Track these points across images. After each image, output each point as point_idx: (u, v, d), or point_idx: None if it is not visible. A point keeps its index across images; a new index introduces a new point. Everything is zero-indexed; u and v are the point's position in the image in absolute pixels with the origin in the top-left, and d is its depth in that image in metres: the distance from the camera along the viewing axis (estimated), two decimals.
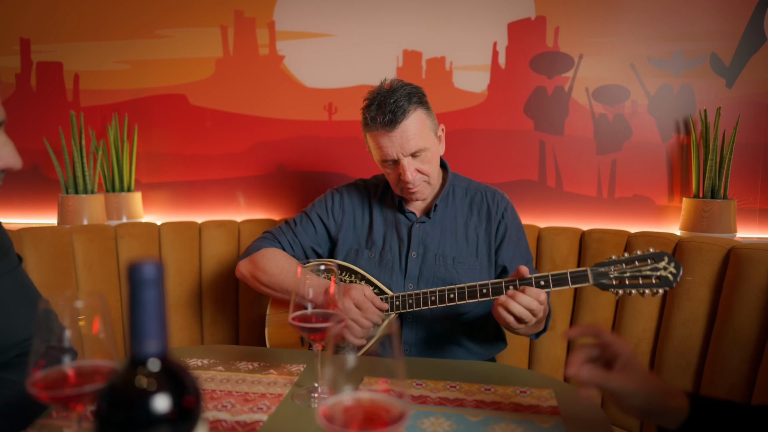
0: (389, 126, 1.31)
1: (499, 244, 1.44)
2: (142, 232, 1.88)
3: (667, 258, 1.13)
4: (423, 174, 1.37)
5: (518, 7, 1.92)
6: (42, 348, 0.67)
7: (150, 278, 0.44)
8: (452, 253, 1.42)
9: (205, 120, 2.13)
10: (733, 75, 1.84)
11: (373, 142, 1.38)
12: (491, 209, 1.46)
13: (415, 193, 1.40)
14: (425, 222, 1.46)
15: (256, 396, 0.97)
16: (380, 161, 1.39)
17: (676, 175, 1.89)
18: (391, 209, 1.50)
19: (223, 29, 2.09)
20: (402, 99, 1.32)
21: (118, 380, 0.45)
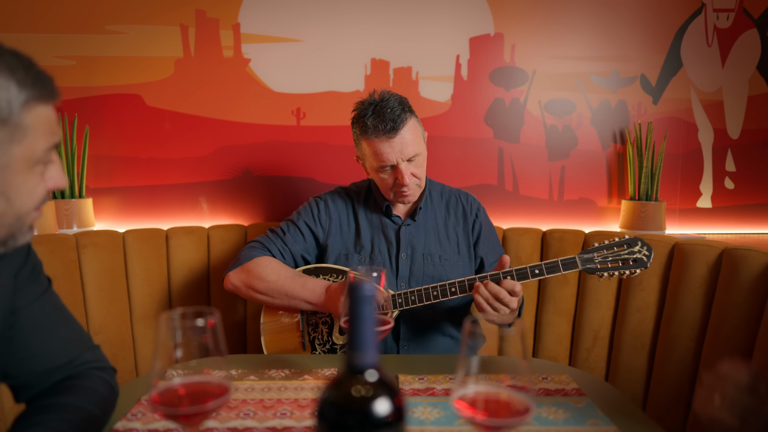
0: (391, 133, 1.38)
1: (476, 240, 1.58)
2: (106, 241, 1.77)
3: (640, 243, 1.34)
4: (416, 177, 1.46)
5: (479, 23, 2.07)
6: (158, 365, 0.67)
7: (369, 295, 0.48)
8: (438, 252, 1.54)
9: (164, 122, 2.04)
10: (658, 93, 2.13)
11: (371, 149, 1.42)
12: (466, 210, 1.60)
13: (408, 196, 1.48)
14: (410, 225, 1.55)
15: (310, 401, 1.00)
16: (377, 167, 1.45)
17: (614, 180, 2.15)
18: (376, 214, 1.57)
19: (183, 28, 2.01)
20: (397, 107, 1.40)
21: (342, 390, 0.49)
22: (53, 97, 0.74)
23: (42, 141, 0.72)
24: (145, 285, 1.81)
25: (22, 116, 0.69)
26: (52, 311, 0.88)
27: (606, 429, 0.90)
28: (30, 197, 0.73)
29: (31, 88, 0.69)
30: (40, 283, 0.88)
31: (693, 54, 2.12)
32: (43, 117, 0.72)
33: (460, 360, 0.67)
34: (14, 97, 0.68)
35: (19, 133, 0.69)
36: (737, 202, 2.19)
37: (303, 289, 1.41)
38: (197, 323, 0.68)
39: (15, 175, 0.70)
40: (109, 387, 0.89)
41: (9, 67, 0.68)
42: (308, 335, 1.47)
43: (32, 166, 0.72)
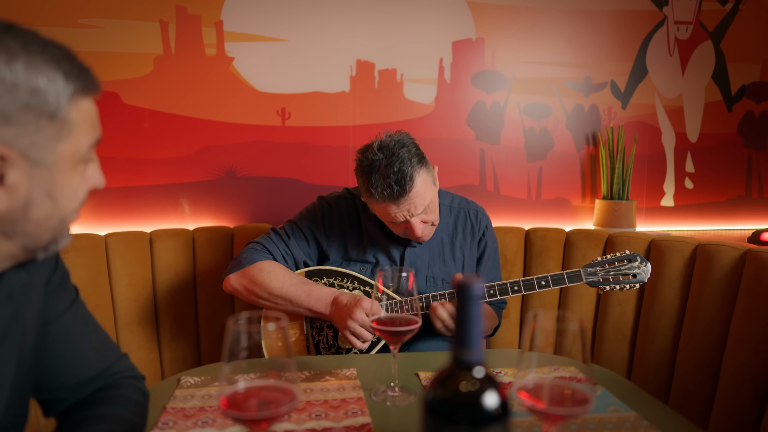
0: (398, 197, 1.29)
1: (480, 256, 1.59)
2: (87, 245, 1.69)
3: (640, 258, 1.41)
4: (428, 222, 1.40)
5: (461, 28, 2.12)
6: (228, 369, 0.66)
7: (477, 294, 0.51)
8: (441, 274, 1.53)
9: (142, 121, 1.97)
10: (626, 99, 2.26)
11: (378, 209, 1.36)
12: (474, 227, 1.58)
13: (421, 239, 1.43)
14: (416, 246, 1.52)
15: (339, 401, 1.00)
16: (386, 221, 1.40)
17: (587, 180, 2.26)
18: (381, 230, 1.52)
19: (163, 24, 1.95)
20: (405, 165, 1.28)
21: (452, 387, 0.51)
22: (97, 90, 0.70)
23: (86, 137, 0.68)
24: (129, 290, 1.74)
25: (69, 111, 0.65)
26: (82, 321, 0.84)
27: (627, 414, 0.96)
28: (74, 197, 0.70)
29: (76, 80, 0.65)
30: (69, 292, 0.84)
31: (657, 62, 2.27)
32: (87, 111, 0.68)
33: (521, 353, 0.71)
34: (61, 90, 0.63)
35: (65, 129, 0.65)
36: (696, 200, 2.36)
37: (308, 297, 1.38)
38: (266, 328, 0.67)
39: (61, 174, 0.66)
40: (143, 395, 0.87)
41: (54, 58, 0.63)
42: (312, 339, 1.46)
43: (76, 165, 0.68)
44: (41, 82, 0.61)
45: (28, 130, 0.61)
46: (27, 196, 0.64)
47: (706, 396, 1.51)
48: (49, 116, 0.63)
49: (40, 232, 0.67)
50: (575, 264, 1.85)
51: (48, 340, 0.78)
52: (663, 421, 0.95)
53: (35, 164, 0.63)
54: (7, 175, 0.61)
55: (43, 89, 0.61)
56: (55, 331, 0.79)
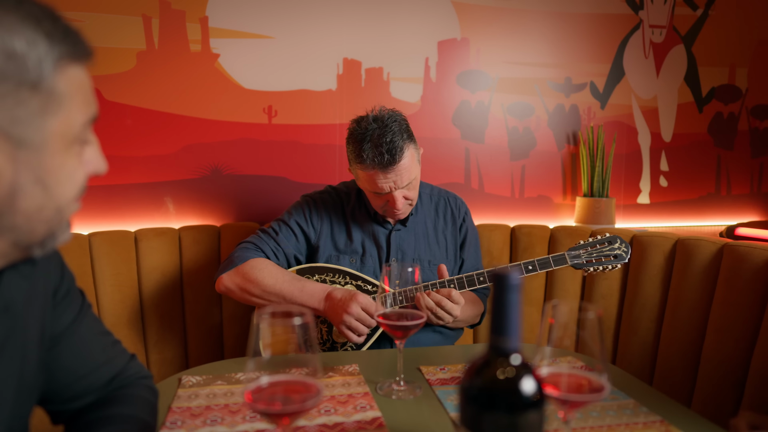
0: (387, 166, 1.34)
1: (462, 243, 1.64)
2: (70, 245, 1.64)
3: (619, 240, 1.47)
4: (408, 199, 1.46)
5: (446, 28, 2.15)
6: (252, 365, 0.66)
7: (515, 284, 0.52)
8: (428, 257, 1.57)
9: (124, 118, 1.92)
10: (605, 99, 2.33)
11: (365, 176, 1.40)
12: (455, 213, 1.64)
13: (398, 215, 1.48)
14: (401, 230, 1.57)
15: (346, 396, 1.01)
16: (369, 191, 1.44)
17: (568, 178, 2.32)
18: (366, 217, 1.57)
19: (146, 19, 1.91)
20: (396, 136, 1.34)
21: (490, 374, 0.52)
22: (88, 55, 0.59)
23: (79, 112, 0.58)
24: (114, 291, 1.70)
25: (56, 80, 0.55)
26: (92, 328, 0.81)
27: (626, 402, 0.99)
28: (70, 184, 0.60)
29: (61, 42, 0.55)
30: (77, 300, 0.79)
31: (633, 64, 2.35)
32: (79, 81, 0.58)
33: (538, 345, 0.73)
34: (44, 54, 0.53)
35: (53, 102, 0.55)
36: (670, 198, 2.45)
37: (302, 293, 1.39)
38: (292, 322, 0.67)
39: (52, 156, 0.56)
40: (154, 393, 0.86)
41: (33, 16, 0.53)
42: None
43: (70, 145, 0.58)
44: (17, 44, 0.51)
45: (5, 104, 0.51)
46: (12, 184, 0.54)
47: (686, 384, 1.58)
48: (31, 86, 0.53)
49: (33, 225, 0.58)
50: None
51: (59, 352, 0.75)
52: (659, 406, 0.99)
53: (19, 145, 0.53)
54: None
55: (20, 53, 0.51)
56: (66, 343, 0.75)
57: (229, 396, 1.00)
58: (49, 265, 0.73)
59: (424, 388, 1.06)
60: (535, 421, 0.52)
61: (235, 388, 1.04)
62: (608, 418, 0.93)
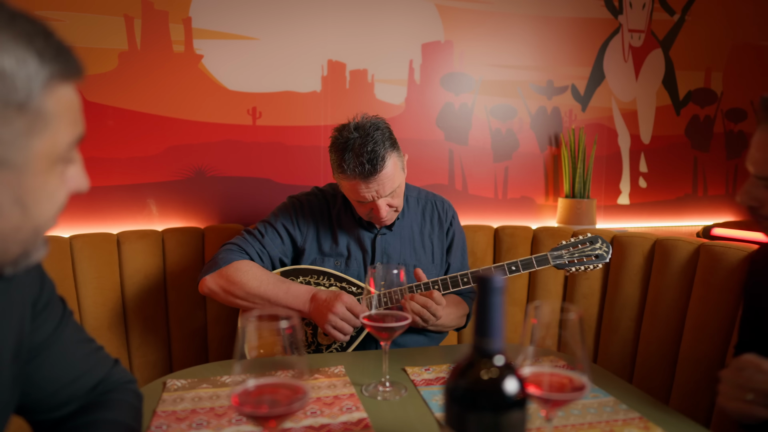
0: (369, 176, 1.33)
1: (449, 247, 1.65)
2: (51, 248, 1.59)
3: (600, 240, 1.50)
4: (393, 207, 1.45)
5: (430, 30, 2.17)
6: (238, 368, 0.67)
7: (498, 286, 0.54)
8: (413, 261, 1.58)
9: (106, 119, 1.90)
10: (585, 102, 2.37)
11: (347, 186, 1.39)
12: (441, 217, 1.65)
13: (382, 223, 1.48)
14: (386, 234, 1.57)
15: (332, 398, 1.02)
16: (352, 199, 1.44)
17: (550, 179, 2.36)
18: (351, 221, 1.56)
19: (128, 19, 1.89)
20: (378, 146, 1.34)
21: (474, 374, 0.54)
22: (79, 74, 0.59)
23: (66, 132, 0.58)
24: (97, 294, 1.68)
25: (44, 99, 0.54)
26: (74, 336, 0.80)
27: (606, 400, 1.02)
28: (50, 204, 0.59)
29: (53, 61, 0.54)
30: (57, 309, 0.78)
31: (613, 68, 2.39)
32: (67, 101, 0.57)
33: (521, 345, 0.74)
34: (34, 73, 0.52)
35: (40, 122, 0.54)
36: (649, 199, 2.50)
37: (286, 295, 1.39)
38: (278, 326, 0.68)
39: (34, 176, 0.55)
40: (138, 398, 0.85)
41: (26, 33, 0.52)
42: None
43: (53, 165, 0.58)
44: (6, 62, 0.50)
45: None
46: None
47: (665, 381, 1.61)
48: (17, 106, 0.52)
49: (7, 245, 0.57)
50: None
51: (40, 362, 0.74)
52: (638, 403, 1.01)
53: (1, 165, 0.53)
54: None
55: (9, 72, 0.50)
56: (47, 353, 0.74)
57: (215, 399, 1.00)
58: (27, 276, 0.71)
59: (410, 388, 1.07)
60: (518, 421, 0.53)
61: (221, 391, 1.04)
62: (589, 415, 0.95)
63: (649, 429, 0.90)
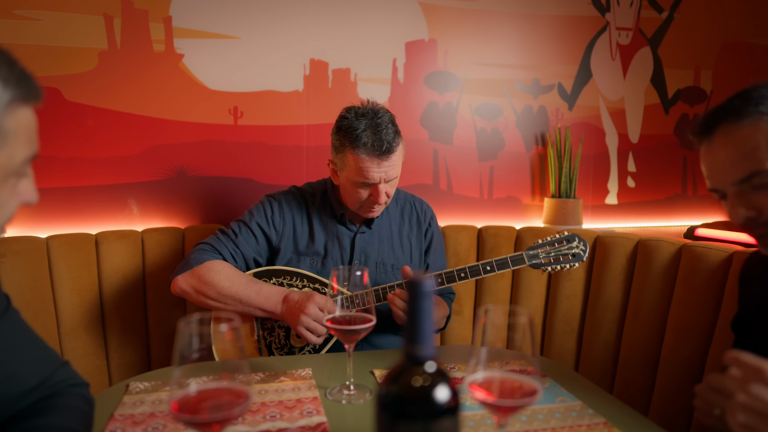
0: (384, 155, 1.35)
1: (427, 247, 1.65)
2: (27, 249, 1.61)
3: (578, 239, 1.48)
4: (388, 196, 1.45)
5: (414, 29, 2.15)
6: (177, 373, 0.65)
7: (427, 291, 0.52)
8: (391, 261, 1.57)
9: (86, 118, 1.89)
10: (572, 101, 2.35)
11: (357, 165, 1.37)
12: (420, 218, 1.65)
13: (375, 211, 1.48)
14: (365, 232, 1.56)
15: (294, 402, 1.00)
16: (355, 181, 1.41)
17: (536, 179, 2.34)
18: (331, 219, 1.55)
19: (107, 18, 1.88)
20: (391, 129, 1.38)
21: (405, 381, 0.52)
22: (38, 98, 0.67)
23: (22, 149, 0.65)
24: (74, 295, 1.67)
25: (5, 119, 0.62)
26: (15, 331, 0.79)
27: (573, 404, 1.00)
28: (2, 213, 0.66)
29: (15, 86, 0.62)
30: (0, 303, 0.79)
31: (600, 66, 2.37)
32: (26, 122, 0.66)
33: (473, 349, 0.73)
34: None
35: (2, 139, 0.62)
36: (637, 198, 2.48)
37: (258, 296, 1.38)
38: (218, 329, 0.66)
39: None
40: (88, 402, 0.84)
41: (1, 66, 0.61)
42: (264, 340, 1.45)
43: (6, 178, 0.65)
44: None
45: None
46: None
47: (647, 383, 1.59)
48: None
49: None
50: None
51: None
52: (606, 408, 1.00)
53: None
54: None
55: None
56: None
57: None
58: None
59: (375, 391, 1.05)
60: (450, 428, 0.52)
61: None
62: (554, 420, 0.94)
63: None
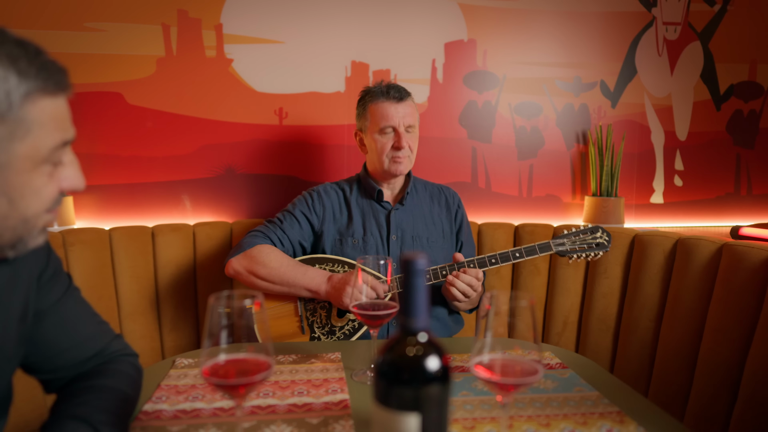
0: (399, 99, 1.62)
1: (459, 228, 1.75)
2: (92, 239, 1.77)
3: (601, 230, 1.52)
4: (410, 148, 1.64)
5: (453, 30, 2.19)
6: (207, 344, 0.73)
7: (421, 269, 0.57)
8: (425, 234, 1.68)
9: (146, 120, 2.05)
10: (616, 98, 2.31)
11: (378, 111, 1.62)
12: (449, 201, 1.77)
13: (401, 163, 1.63)
14: (399, 209, 1.68)
15: (322, 381, 1.07)
16: (380, 128, 1.62)
17: (577, 177, 2.32)
18: (367, 200, 1.70)
19: (165, 27, 2.03)
20: (402, 87, 1.66)
21: (399, 350, 0.58)
22: (62, 90, 0.67)
23: (49, 138, 0.66)
24: (132, 282, 1.82)
25: (25, 110, 0.62)
26: (76, 307, 0.90)
27: (590, 394, 1.02)
28: (36, 199, 0.67)
29: (34, 79, 0.63)
30: (62, 282, 0.89)
31: (646, 62, 2.32)
32: (50, 111, 0.65)
33: (477, 334, 0.77)
34: (14, 88, 0.61)
35: (21, 129, 0.63)
36: (685, 197, 2.40)
37: (304, 277, 1.49)
38: (244, 304, 0.74)
39: (17, 175, 0.64)
40: (137, 370, 0.94)
41: (10, 56, 0.61)
42: (307, 320, 1.55)
43: (38, 166, 0.66)
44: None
45: None
46: None
47: (683, 384, 1.57)
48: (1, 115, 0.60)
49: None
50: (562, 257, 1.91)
51: (44, 327, 0.84)
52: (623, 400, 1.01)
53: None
54: None
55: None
56: (50, 319, 0.85)
57: None
58: (33, 254, 0.81)
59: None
60: (440, 394, 0.57)
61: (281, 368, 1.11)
62: (567, 407, 0.96)
63: (624, 422, 0.90)
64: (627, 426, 0.89)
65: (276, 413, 0.94)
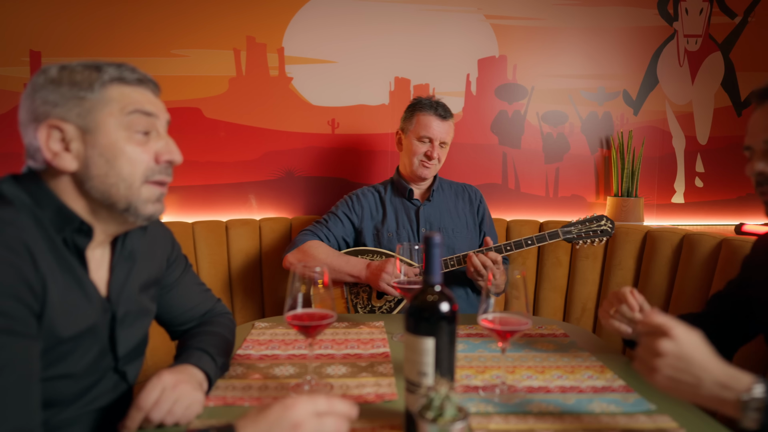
0: (443, 118, 1.90)
1: (481, 221, 2.02)
2: (179, 230, 2.14)
3: (605, 219, 1.75)
4: (438, 159, 1.92)
5: (486, 47, 2.44)
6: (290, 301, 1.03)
7: (438, 242, 0.85)
8: (451, 226, 1.96)
9: (219, 131, 2.41)
10: (638, 106, 2.51)
11: (423, 121, 1.90)
12: (471, 197, 2.05)
13: (428, 168, 1.92)
14: (427, 205, 1.98)
15: (368, 339, 1.37)
16: (420, 136, 1.90)
17: (600, 179, 2.52)
18: (399, 198, 2.00)
19: (236, 52, 2.39)
20: (448, 108, 1.95)
21: (422, 297, 0.86)
22: (136, 82, 0.90)
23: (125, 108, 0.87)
24: (210, 267, 2.18)
25: (105, 91, 0.86)
26: (192, 281, 1.23)
27: (581, 354, 1.27)
28: (131, 164, 0.87)
29: (114, 72, 0.87)
30: (182, 263, 1.21)
31: (667, 73, 2.50)
32: (123, 92, 0.87)
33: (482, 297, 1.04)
34: (96, 78, 0.86)
35: (101, 102, 0.86)
36: (706, 198, 2.56)
37: (348, 265, 1.80)
38: (314, 272, 1.04)
39: (107, 136, 0.85)
40: (233, 323, 1.27)
41: (103, 66, 0.88)
42: (351, 301, 1.85)
43: (131, 135, 0.87)
44: (77, 77, 0.85)
45: (71, 105, 0.84)
46: (86, 158, 0.84)
47: None
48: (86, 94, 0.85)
49: (105, 187, 0.86)
50: (580, 250, 2.13)
51: (171, 295, 1.17)
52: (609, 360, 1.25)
53: (86, 131, 0.84)
54: (71, 143, 0.84)
55: (78, 80, 0.85)
56: (175, 290, 1.18)
57: (286, 335, 1.40)
58: (164, 239, 1.14)
59: None
60: (448, 325, 0.85)
61: (290, 330, 1.43)
62: (561, 362, 1.22)
63: (604, 372, 1.15)
64: (605, 374, 1.14)
65: (334, 359, 1.24)
